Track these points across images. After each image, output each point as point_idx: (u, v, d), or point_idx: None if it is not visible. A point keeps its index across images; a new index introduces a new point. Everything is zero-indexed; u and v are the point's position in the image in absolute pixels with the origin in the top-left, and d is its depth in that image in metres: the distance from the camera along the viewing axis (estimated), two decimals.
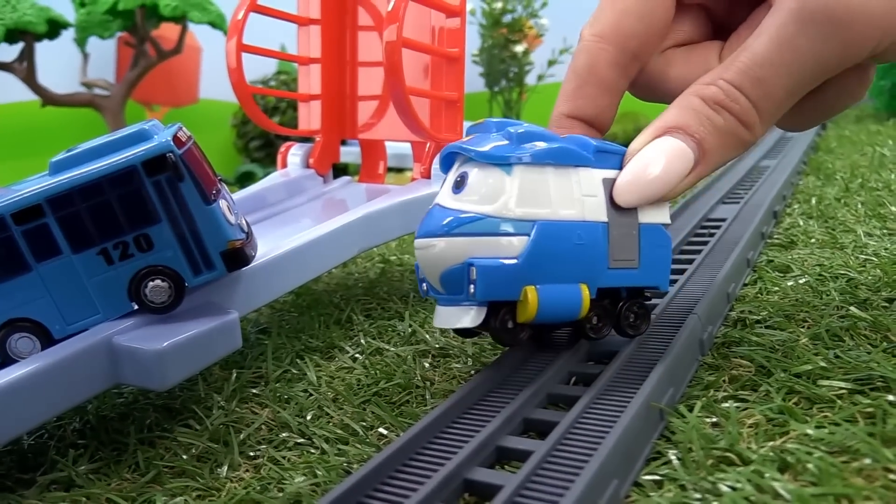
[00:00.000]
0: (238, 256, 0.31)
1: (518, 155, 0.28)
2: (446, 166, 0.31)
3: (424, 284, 0.31)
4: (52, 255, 0.29)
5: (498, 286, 0.28)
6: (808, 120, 0.31)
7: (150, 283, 0.30)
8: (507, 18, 1.59)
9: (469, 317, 0.29)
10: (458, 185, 0.29)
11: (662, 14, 0.31)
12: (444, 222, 0.29)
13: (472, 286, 0.28)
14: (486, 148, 0.28)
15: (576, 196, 0.29)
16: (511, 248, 0.28)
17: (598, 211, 0.29)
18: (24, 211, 0.28)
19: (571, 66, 0.31)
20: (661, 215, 0.31)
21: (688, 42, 0.32)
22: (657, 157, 0.28)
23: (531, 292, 0.28)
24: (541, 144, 0.28)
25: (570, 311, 0.29)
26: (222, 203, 0.31)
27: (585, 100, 0.31)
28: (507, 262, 0.28)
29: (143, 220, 0.29)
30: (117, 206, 0.29)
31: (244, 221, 0.34)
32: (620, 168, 0.30)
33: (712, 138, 0.28)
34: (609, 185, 0.30)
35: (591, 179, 0.29)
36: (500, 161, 0.28)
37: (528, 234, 0.28)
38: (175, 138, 0.29)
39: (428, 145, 0.48)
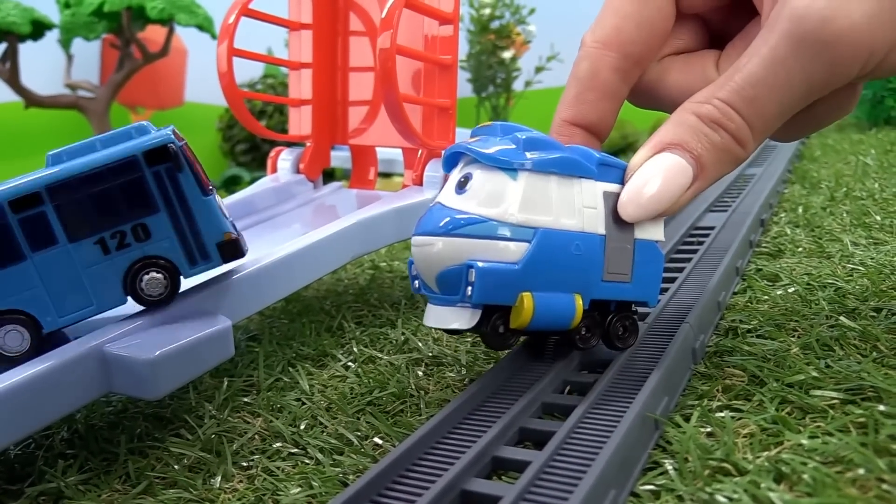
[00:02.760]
0: (234, 247, 0.31)
1: (524, 161, 0.28)
2: (449, 165, 0.31)
3: (417, 282, 0.31)
4: (48, 244, 0.29)
5: (495, 290, 0.28)
6: (799, 131, 0.32)
7: (146, 276, 0.30)
8: (495, 24, 1.59)
9: (463, 319, 0.29)
10: (462, 186, 0.29)
11: (662, 22, 0.31)
12: (445, 222, 0.29)
13: (469, 288, 0.28)
14: (492, 151, 0.28)
15: (577, 206, 0.29)
16: (511, 253, 0.28)
17: (596, 223, 0.29)
18: (23, 198, 0.28)
19: (573, 72, 0.32)
20: (656, 232, 0.31)
21: (685, 50, 0.33)
22: (658, 172, 0.29)
23: (527, 299, 0.28)
24: (546, 152, 0.29)
25: (563, 320, 0.29)
26: (217, 197, 0.31)
27: (587, 105, 0.31)
28: (506, 266, 0.28)
29: (142, 210, 0.29)
30: (117, 195, 0.29)
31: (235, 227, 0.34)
32: (621, 182, 0.30)
33: (709, 154, 0.28)
34: (609, 198, 0.30)
35: (592, 191, 0.29)
36: (506, 166, 0.28)
37: (529, 241, 0.28)
38: (174, 132, 0.30)
39: (420, 152, 0.48)
